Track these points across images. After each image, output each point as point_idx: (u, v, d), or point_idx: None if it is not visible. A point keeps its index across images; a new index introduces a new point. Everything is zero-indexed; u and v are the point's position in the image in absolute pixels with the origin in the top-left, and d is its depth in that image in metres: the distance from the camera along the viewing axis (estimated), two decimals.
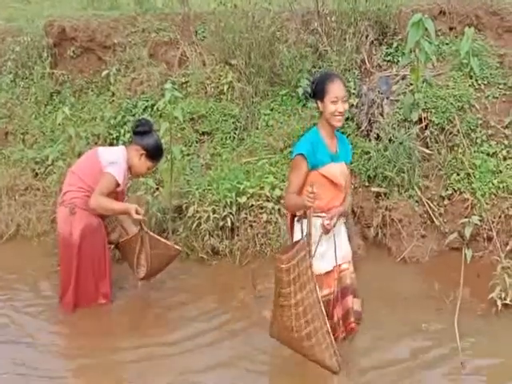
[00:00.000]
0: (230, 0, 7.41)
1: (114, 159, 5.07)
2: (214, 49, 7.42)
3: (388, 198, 6.12)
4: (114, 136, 7.09)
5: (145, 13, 7.95)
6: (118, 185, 5.02)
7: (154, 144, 5.25)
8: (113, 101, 7.45)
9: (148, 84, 7.27)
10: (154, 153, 5.26)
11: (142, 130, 5.21)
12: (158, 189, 6.40)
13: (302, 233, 3.88)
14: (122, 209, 5.12)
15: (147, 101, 7.18)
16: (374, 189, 6.20)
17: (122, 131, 7.04)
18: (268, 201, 6.06)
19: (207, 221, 5.91)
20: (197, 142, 6.91)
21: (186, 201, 6.13)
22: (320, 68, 6.99)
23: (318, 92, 4.10)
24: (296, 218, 4.10)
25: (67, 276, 5.08)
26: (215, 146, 6.81)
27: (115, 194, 5.07)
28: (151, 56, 7.60)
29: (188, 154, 6.76)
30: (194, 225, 5.95)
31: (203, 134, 6.98)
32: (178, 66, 7.53)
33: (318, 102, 4.10)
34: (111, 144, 6.92)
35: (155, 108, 6.80)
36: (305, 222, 3.86)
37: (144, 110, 7.12)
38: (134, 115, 7.09)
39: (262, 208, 6.05)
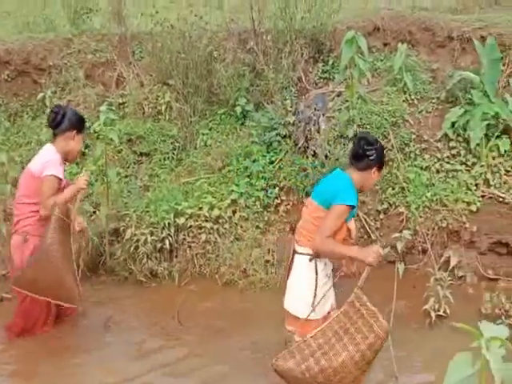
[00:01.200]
0: (167, 20, 7.42)
1: (44, 159, 4.88)
2: (152, 69, 7.41)
3: None
4: None
5: (81, 34, 7.87)
6: (60, 180, 4.87)
7: (77, 117, 5.11)
8: None
9: (84, 106, 7.19)
10: (82, 124, 5.12)
11: (60, 118, 4.95)
12: (94, 212, 6.32)
13: (317, 274, 3.91)
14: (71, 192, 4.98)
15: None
16: None
17: None
18: (207, 221, 6.06)
19: (145, 243, 5.85)
20: (135, 164, 6.87)
21: (123, 224, 6.05)
22: (258, 86, 7.03)
23: (381, 161, 4.06)
24: (309, 258, 3.94)
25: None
26: (153, 166, 6.77)
27: (61, 190, 4.91)
28: (88, 77, 7.54)
29: (126, 176, 6.69)
30: (132, 248, 5.89)
31: (141, 154, 6.94)
32: (116, 86, 7.50)
33: (375, 169, 3.99)
34: None
35: (92, 130, 6.72)
36: (319, 262, 3.91)
37: None
38: None
39: (200, 228, 6.05)
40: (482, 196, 5.92)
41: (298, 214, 6.12)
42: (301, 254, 3.98)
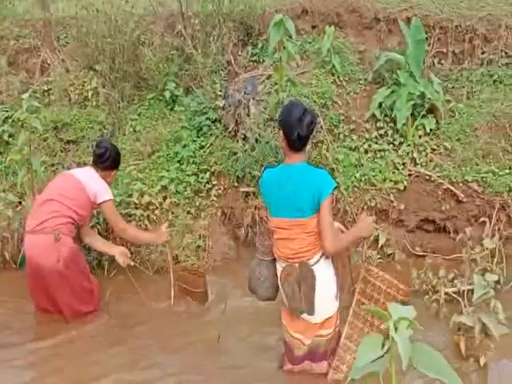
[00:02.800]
0: (92, 4, 7.24)
1: (99, 183, 5.08)
2: (77, 55, 7.24)
3: (257, 197, 6.13)
4: None
5: (3, 20, 7.63)
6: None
7: (119, 158, 5.34)
8: None
9: (8, 94, 6.99)
10: (119, 163, 5.38)
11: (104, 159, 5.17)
12: (20, 203, 6.13)
13: (332, 264, 3.83)
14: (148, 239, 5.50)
15: (7, 111, 6.89)
16: (243, 189, 6.21)
17: None
18: (137, 208, 5.97)
19: None
20: (61, 152, 6.69)
21: None
22: (187, 70, 6.95)
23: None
24: (324, 257, 3.76)
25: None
26: (81, 154, 6.61)
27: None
28: (11, 64, 7.33)
29: (52, 165, 6.51)
30: None
31: (68, 142, 6.76)
32: (40, 73, 7.29)
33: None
34: None
35: (15, 118, 6.51)
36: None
37: (4, 120, 6.83)
38: None
39: (130, 216, 5.94)
40: (409, 175, 6.00)
41: (229, 198, 6.20)
42: (315, 263, 3.74)
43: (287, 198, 3.72)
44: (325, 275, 3.79)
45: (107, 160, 5.14)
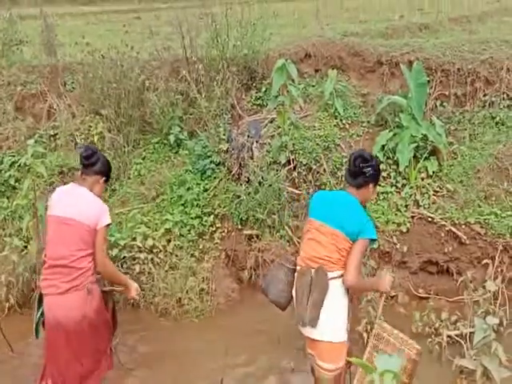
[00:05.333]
0: (98, 50, 7.38)
1: (96, 209, 4.39)
2: (83, 99, 7.35)
3: (260, 239, 6.17)
4: None
5: (10, 66, 7.77)
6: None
7: (108, 166, 4.65)
8: None
9: (14, 139, 7.07)
10: (108, 174, 4.67)
11: (92, 160, 4.47)
12: (25, 247, 6.17)
13: (348, 293, 3.85)
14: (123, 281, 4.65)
15: (13, 156, 6.97)
16: (247, 231, 6.24)
17: None
18: (140, 251, 5.98)
19: None
20: None
21: None
22: (191, 114, 7.04)
23: (378, 177, 4.03)
24: (342, 279, 3.78)
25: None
26: None
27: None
28: (18, 109, 7.45)
29: None
30: None
31: None
32: (47, 118, 7.40)
33: (371, 185, 3.95)
34: None
35: (21, 163, 6.60)
36: None
37: (11, 165, 6.90)
38: (0, 171, 6.86)
39: (134, 259, 5.96)
40: (412, 217, 6.02)
41: (233, 240, 6.22)
42: (334, 278, 3.79)
43: (336, 210, 3.86)
44: (339, 296, 3.81)
45: (96, 163, 4.48)
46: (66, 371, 4.33)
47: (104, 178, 4.58)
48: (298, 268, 3.97)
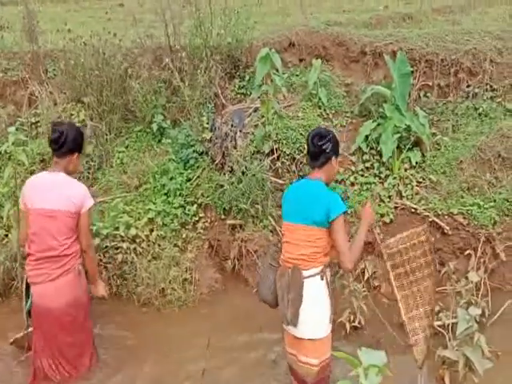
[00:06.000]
0: (80, 37, 7.29)
1: (77, 193, 4.44)
2: (65, 87, 7.25)
3: (244, 229, 6.14)
4: None
5: None
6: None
7: (79, 139, 4.58)
8: None
9: None
10: (81, 145, 4.61)
11: (61, 142, 4.44)
12: (6, 235, 6.10)
13: (328, 287, 3.89)
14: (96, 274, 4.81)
15: None
16: (230, 221, 6.21)
17: None
18: (123, 241, 5.93)
19: None
20: None
21: None
22: (174, 103, 6.98)
23: (337, 149, 4.03)
24: (319, 276, 3.84)
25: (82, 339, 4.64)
26: None
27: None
28: None
29: None
30: None
31: None
32: (28, 106, 7.29)
33: (333, 158, 3.97)
34: None
35: (2, 151, 6.49)
36: (328, 273, 3.91)
37: None
38: None
39: (117, 249, 5.91)
40: (395, 207, 6.03)
41: (216, 230, 6.19)
42: (310, 276, 3.82)
43: (300, 206, 3.90)
44: (317, 293, 3.85)
45: (64, 144, 4.42)
46: (67, 350, 4.52)
47: (77, 154, 4.56)
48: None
